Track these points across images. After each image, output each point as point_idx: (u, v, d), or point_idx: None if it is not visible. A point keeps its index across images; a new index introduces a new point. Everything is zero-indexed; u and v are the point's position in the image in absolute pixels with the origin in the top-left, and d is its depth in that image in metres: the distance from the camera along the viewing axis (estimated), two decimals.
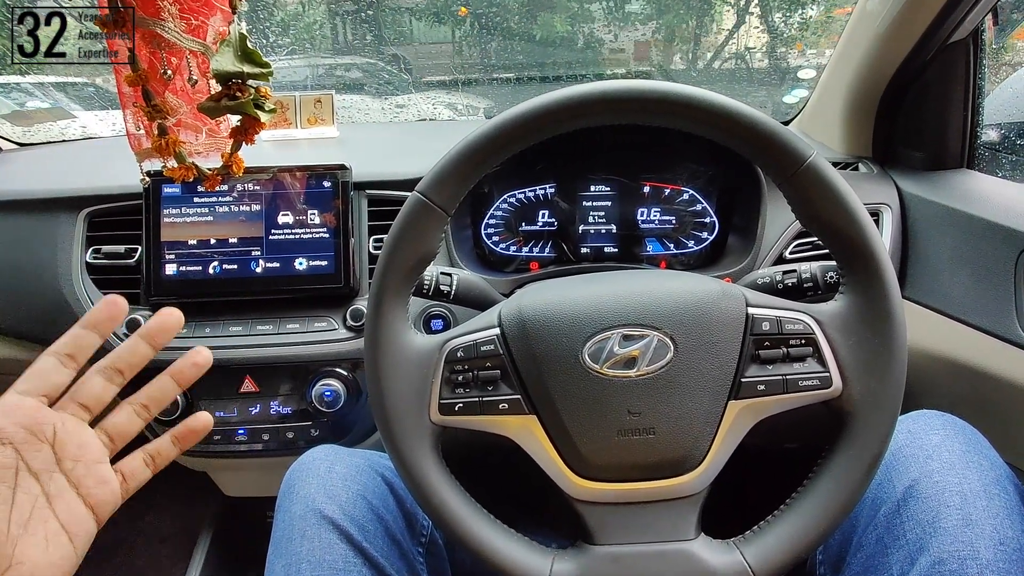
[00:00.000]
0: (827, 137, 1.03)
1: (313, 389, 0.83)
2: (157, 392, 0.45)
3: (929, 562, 0.50)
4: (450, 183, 0.52)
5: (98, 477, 0.41)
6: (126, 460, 0.44)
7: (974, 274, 0.75)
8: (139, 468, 0.44)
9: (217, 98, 0.54)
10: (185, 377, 0.46)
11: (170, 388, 0.46)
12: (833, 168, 0.50)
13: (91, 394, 0.42)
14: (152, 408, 0.45)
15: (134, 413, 0.44)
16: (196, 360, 0.46)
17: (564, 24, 2.13)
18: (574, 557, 0.51)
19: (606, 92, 0.50)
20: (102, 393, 0.43)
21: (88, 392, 0.42)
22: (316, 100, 1.08)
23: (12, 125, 1.28)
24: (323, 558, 0.57)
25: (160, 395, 0.45)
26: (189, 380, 0.46)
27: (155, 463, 0.45)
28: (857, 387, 0.50)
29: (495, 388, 0.52)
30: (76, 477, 0.40)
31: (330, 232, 0.84)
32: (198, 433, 0.47)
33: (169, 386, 0.45)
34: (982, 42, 0.86)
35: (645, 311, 0.51)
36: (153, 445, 0.45)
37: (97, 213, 0.88)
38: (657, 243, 0.94)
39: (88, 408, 0.42)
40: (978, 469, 0.54)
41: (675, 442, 0.50)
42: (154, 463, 0.45)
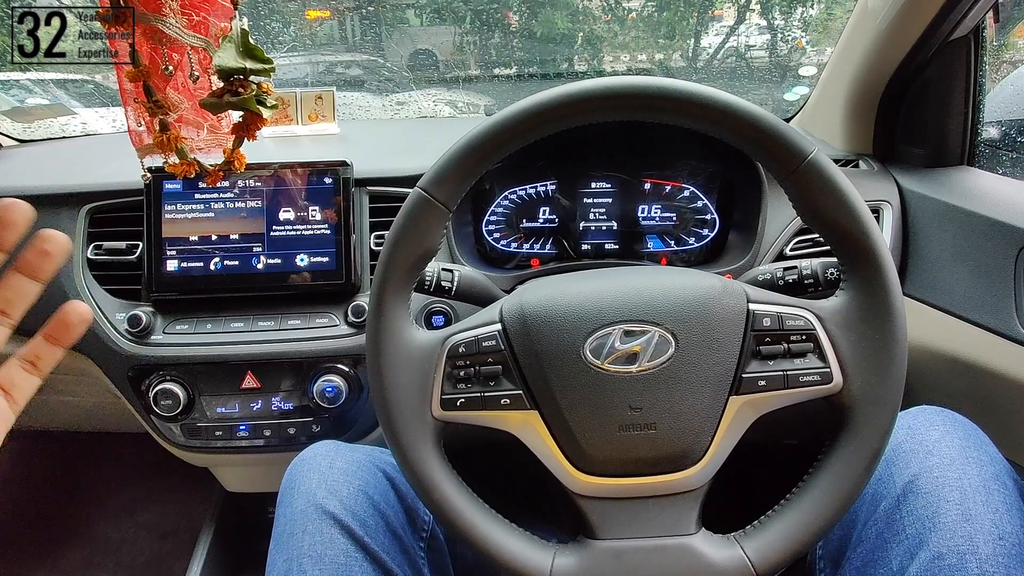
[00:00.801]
0: (828, 134, 1.03)
1: (315, 385, 0.83)
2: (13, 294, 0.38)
3: (928, 557, 0.51)
4: (451, 179, 0.52)
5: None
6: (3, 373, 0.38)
7: (974, 271, 0.75)
8: (17, 375, 0.38)
9: (219, 94, 0.54)
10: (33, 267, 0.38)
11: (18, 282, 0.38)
12: (834, 165, 0.50)
13: None
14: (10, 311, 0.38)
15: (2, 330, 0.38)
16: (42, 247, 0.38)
17: (564, 21, 2.13)
18: (575, 552, 0.51)
19: (607, 89, 0.50)
20: None
21: None
22: (317, 96, 1.08)
23: (12, 121, 1.28)
24: (324, 553, 0.57)
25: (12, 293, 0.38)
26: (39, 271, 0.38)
27: (37, 368, 0.39)
28: (857, 383, 0.50)
29: (497, 384, 0.52)
30: None
31: (331, 228, 0.84)
32: (73, 326, 0.39)
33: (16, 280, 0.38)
34: (983, 39, 0.86)
35: (646, 307, 0.52)
36: (26, 348, 0.39)
37: (98, 209, 0.88)
38: (658, 240, 0.94)
39: None
40: (977, 465, 0.55)
41: (676, 437, 0.50)
42: (36, 368, 0.39)
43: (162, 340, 0.83)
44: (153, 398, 0.83)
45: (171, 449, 0.90)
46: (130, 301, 0.86)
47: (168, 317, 0.85)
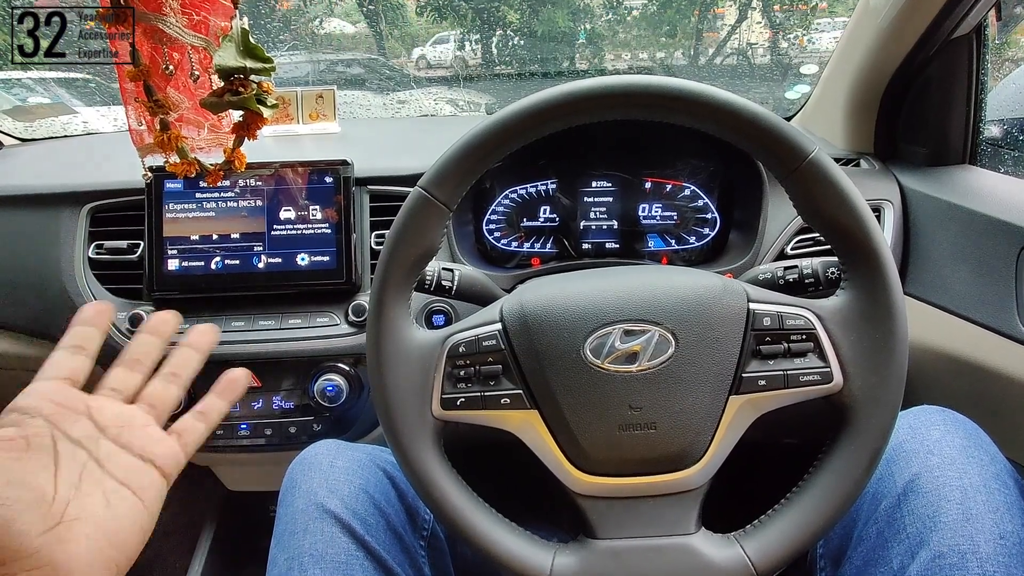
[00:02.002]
0: (829, 133, 1.03)
1: (315, 384, 0.83)
2: (179, 359, 0.45)
3: (929, 556, 0.51)
4: (452, 179, 0.52)
5: (150, 438, 0.40)
6: (178, 421, 0.44)
7: (975, 270, 0.75)
8: (191, 424, 0.44)
9: (219, 93, 0.54)
10: (200, 344, 0.47)
11: (189, 355, 0.46)
12: (835, 164, 0.50)
13: (117, 381, 0.42)
14: (180, 374, 0.45)
15: (165, 380, 0.44)
16: (203, 330, 0.47)
17: (566, 20, 2.12)
18: (575, 551, 0.51)
19: (607, 88, 0.50)
20: (126, 379, 0.43)
21: (113, 381, 0.42)
22: (318, 95, 1.08)
23: (14, 120, 1.28)
24: (326, 551, 0.57)
25: (183, 361, 0.45)
26: (205, 346, 0.47)
27: (207, 418, 0.45)
28: (858, 382, 0.50)
29: (497, 383, 0.52)
30: (125, 441, 0.39)
31: (332, 228, 0.84)
32: (238, 382, 0.47)
33: (187, 353, 0.46)
34: (985, 38, 0.85)
35: (646, 306, 0.52)
36: (199, 404, 0.45)
37: (99, 208, 0.88)
38: (658, 239, 0.94)
39: (119, 391, 0.42)
40: (979, 464, 0.55)
41: (676, 437, 0.50)
42: (205, 418, 0.45)
43: None
44: None
45: None
46: (131, 300, 0.86)
47: None
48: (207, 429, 0.45)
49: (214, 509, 1.17)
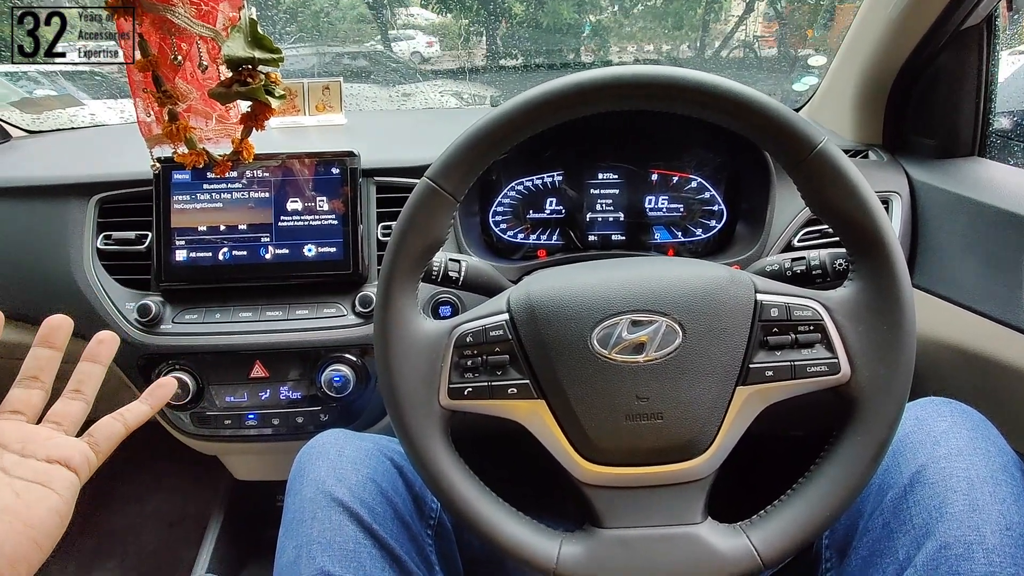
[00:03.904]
0: (837, 125, 1.02)
1: (322, 375, 0.83)
2: (81, 374, 0.48)
3: (935, 546, 0.51)
4: (459, 169, 0.52)
5: (56, 446, 0.43)
6: (95, 424, 0.46)
7: (984, 262, 0.75)
8: (108, 424, 0.46)
9: (228, 84, 0.54)
10: (100, 355, 0.49)
11: (90, 369, 0.48)
12: (844, 154, 0.50)
13: (18, 402, 0.45)
14: (83, 390, 0.47)
15: (68, 399, 0.47)
16: (101, 339, 0.49)
17: (571, 12, 2.11)
18: (582, 540, 0.51)
19: (614, 78, 0.50)
20: (27, 399, 0.45)
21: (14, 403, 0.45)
22: (324, 87, 1.08)
23: (21, 113, 1.29)
24: (334, 539, 0.57)
25: (85, 375, 0.48)
26: (104, 357, 0.49)
27: (126, 420, 0.47)
28: (865, 373, 0.50)
29: (504, 373, 0.52)
30: (30, 452, 0.42)
31: (339, 219, 0.85)
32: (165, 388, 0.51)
33: (88, 368, 0.48)
34: (996, 28, 0.85)
35: (654, 297, 0.52)
36: (125, 407, 0.48)
37: (108, 200, 0.88)
38: (665, 231, 0.94)
39: (20, 413, 0.44)
40: (985, 456, 0.55)
41: (683, 427, 0.50)
42: (124, 420, 0.47)
43: (171, 329, 0.84)
44: None
45: (180, 437, 0.91)
46: (140, 291, 0.87)
47: (177, 307, 0.85)
48: (125, 430, 0.47)
49: (222, 499, 1.18)
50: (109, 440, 0.46)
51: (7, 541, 0.37)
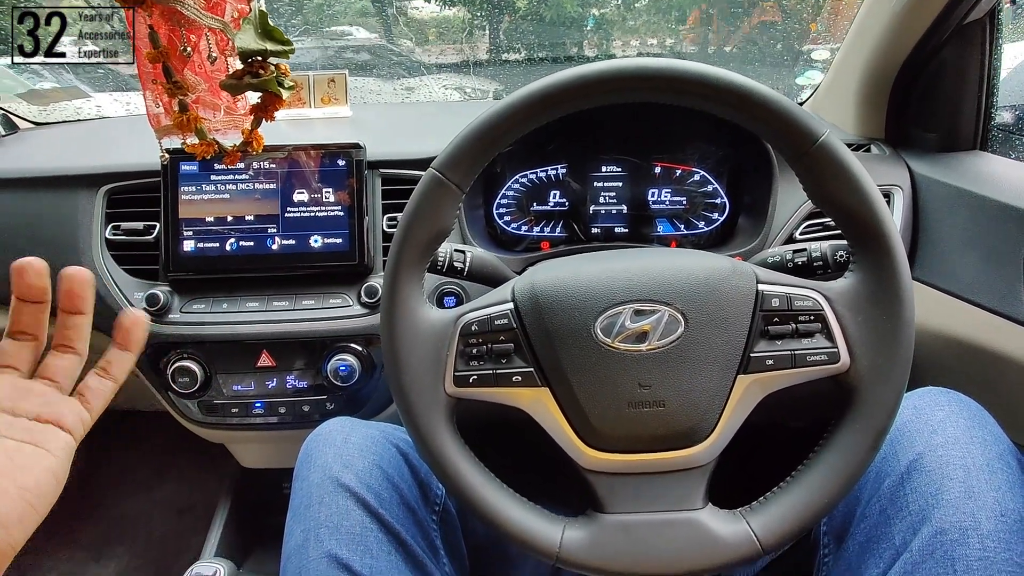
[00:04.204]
0: (840, 118, 1.03)
1: (328, 364, 0.84)
2: (113, 356, 0.45)
3: (931, 532, 0.52)
4: (465, 161, 0.53)
5: (48, 404, 0.41)
6: (81, 383, 0.44)
7: (984, 255, 0.75)
8: (95, 382, 0.44)
9: (239, 75, 0.55)
10: (129, 339, 0.46)
11: (120, 354, 0.46)
12: (845, 147, 0.51)
13: (10, 356, 0.42)
14: (75, 346, 0.44)
15: (59, 353, 0.44)
16: (135, 320, 0.46)
17: (574, 5, 2.11)
18: (584, 525, 0.52)
19: (618, 71, 0.51)
20: (16, 351, 0.42)
21: (8, 357, 0.42)
22: (330, 79, 1.08)
23: (28, 104, 1.29)
24: (341, 523, 0.58)
25: (116, 358, 0.45)
26: (135, 342, 0.46)
27: (110, 373, 0.45)
28: (864, 363, 0.51)
29: (509, 361, 0.53)
30: (22, 411, 0.41)
31: (344, 210, 0.86)
32: (129, 329, 0.46)
33: (118, 353, 0.46)
34: (998, 22, 0.85)
35: (656, 287, 0.52)
36: (101, 360, 0.45)
37: (116, 190, 0.89)
38: (668, 223, 0.95)
39: (15, 367, 0.42)
40: (982, 444, 0.55)
41: (684, 414, 0.51)
42: (108, 373, 0.45)
43: (179, 319, 0.85)
44: (171, 376, 0.84)
45: (188, 426, 0.93)
46: (148, 280, 0.88)
47: (185, 296, 0.86)
48: (114, 384, 0.45)
49: (228, 486, 1.19)
50: (100, 398, 0.44)
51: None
